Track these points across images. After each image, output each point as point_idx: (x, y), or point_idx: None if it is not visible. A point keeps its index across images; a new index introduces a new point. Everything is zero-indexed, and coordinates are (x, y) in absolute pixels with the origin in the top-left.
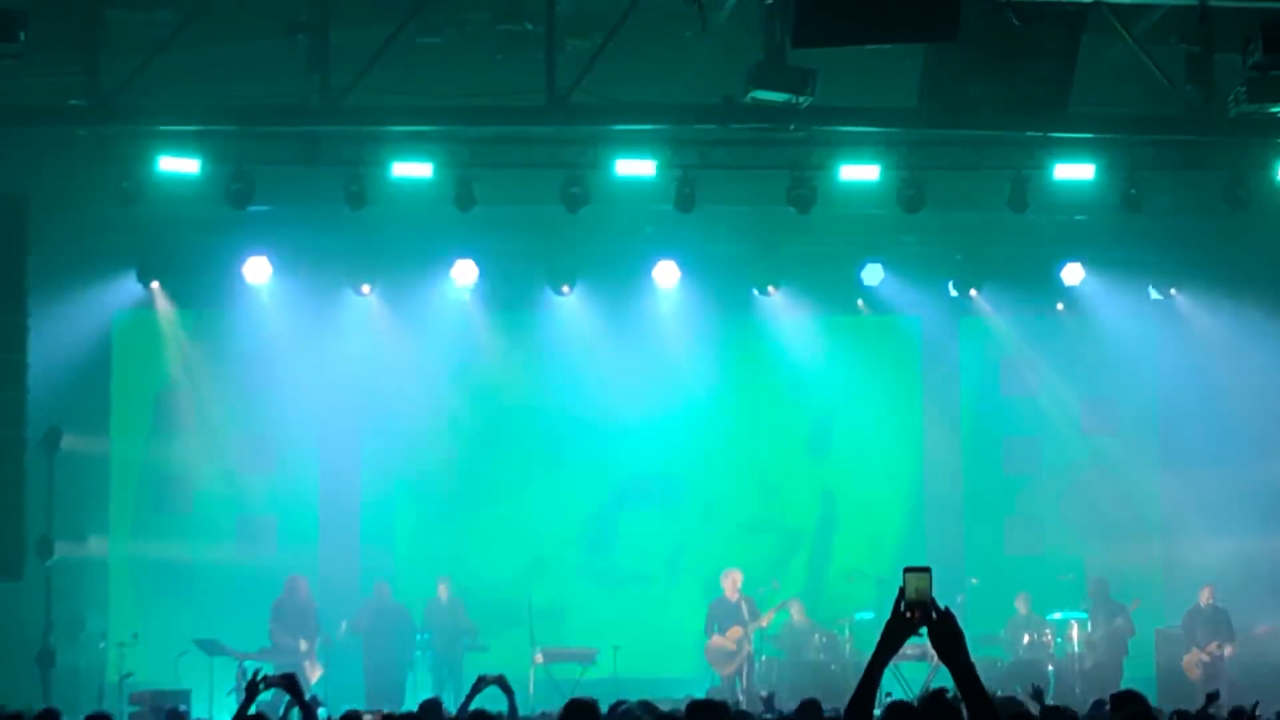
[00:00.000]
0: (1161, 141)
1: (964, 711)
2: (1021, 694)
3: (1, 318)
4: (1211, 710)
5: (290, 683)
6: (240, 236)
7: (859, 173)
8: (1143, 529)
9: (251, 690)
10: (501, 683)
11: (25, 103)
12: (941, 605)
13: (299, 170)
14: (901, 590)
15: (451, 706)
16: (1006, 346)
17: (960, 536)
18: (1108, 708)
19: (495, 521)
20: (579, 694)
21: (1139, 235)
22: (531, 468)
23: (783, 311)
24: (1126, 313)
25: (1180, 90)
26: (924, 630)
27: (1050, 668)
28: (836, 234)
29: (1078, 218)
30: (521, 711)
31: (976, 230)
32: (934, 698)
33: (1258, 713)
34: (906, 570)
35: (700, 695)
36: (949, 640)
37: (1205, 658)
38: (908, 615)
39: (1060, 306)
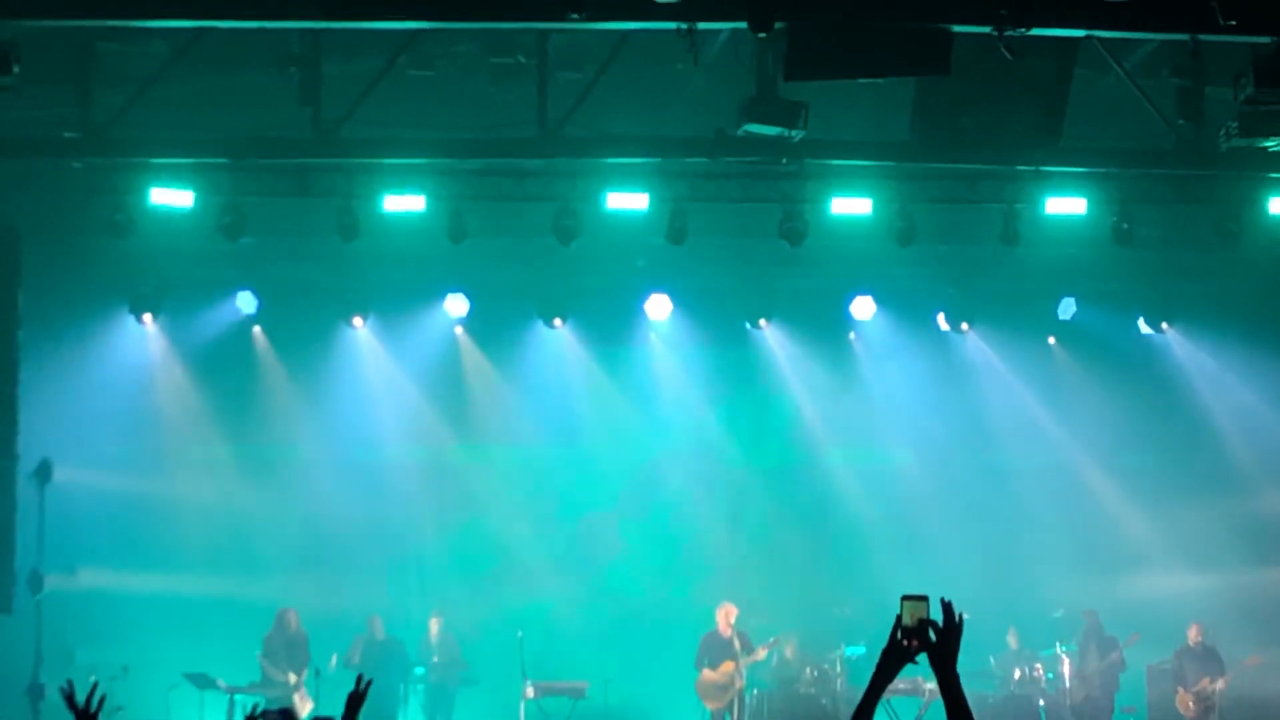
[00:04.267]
0: (1153, 175)
1: None
2: None
3: None
4: None
5: (287, 717)
6: (232, 269)
7: (850, 206)
8: (1131, 563)
9: None
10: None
11: (17, 134)
12: (957, 613)
13: (291, 203)
14: (899, 617)
15: None
16: (999, 380)
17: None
18: None
19: (485, 555)
20: None
21: (1131, 269)
22: (522, 501)
23: (775, 344)
24: (1118, 347)
25: (1172, 124)
26: (920, 659)
27: (1041, 702)
28: (828, 267)
29: (1070, 251)
30: None
31: (968, 264)
32: None
33: None
34: (904, 598)
35: None
36: (946, 644)
37: (1197, 694)
38: (905, 644)
39: (1052, 340)
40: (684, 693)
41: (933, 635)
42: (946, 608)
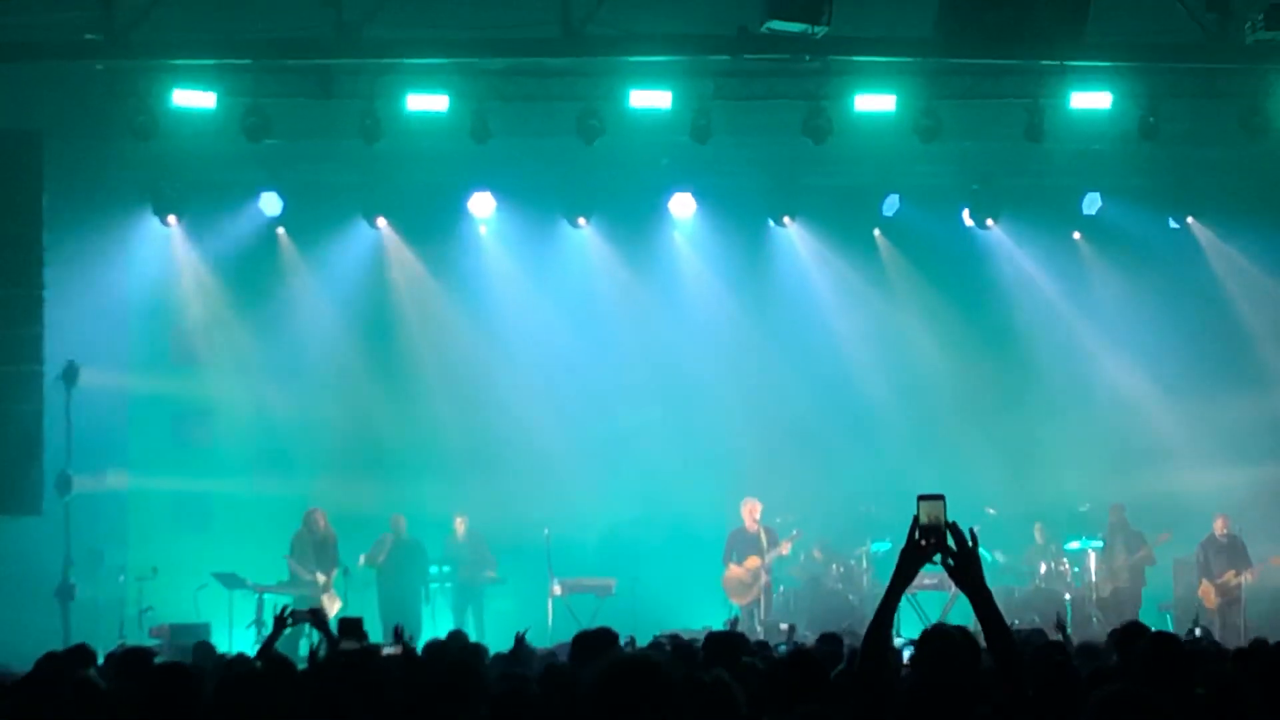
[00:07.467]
0: (1179, 69)
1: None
2: (1041, 623)
3: (18, 254)
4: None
5: (317, 617)
6: (255, 170)
7: (875, 103)
8: (1157, 458)
9: (279, 625)
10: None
11: (40, 38)
12: (965, 529)
13: (314, 104)
14: (916, 518)
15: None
16: (1024, 276)
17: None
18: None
19: (511, 453)
20: (597, 625)
21: (1156, 164)
22: (547, 399)
23: (799, 242)
24: (1143, 241)
25: (1198, 18)
26: (939, 558)
27: (1068, 596)
28: (853, 165)
29: (1095, 147)
30: (540, 644)
31: (993, 160)
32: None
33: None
34: (920, 498)
35: (718, 625)
36: (967, 568)
37: (1221, 586)
38: (922, 543)
39: (1077, 236)
40: (711, 589)
41: (952, 560)
42: (954, 528)
